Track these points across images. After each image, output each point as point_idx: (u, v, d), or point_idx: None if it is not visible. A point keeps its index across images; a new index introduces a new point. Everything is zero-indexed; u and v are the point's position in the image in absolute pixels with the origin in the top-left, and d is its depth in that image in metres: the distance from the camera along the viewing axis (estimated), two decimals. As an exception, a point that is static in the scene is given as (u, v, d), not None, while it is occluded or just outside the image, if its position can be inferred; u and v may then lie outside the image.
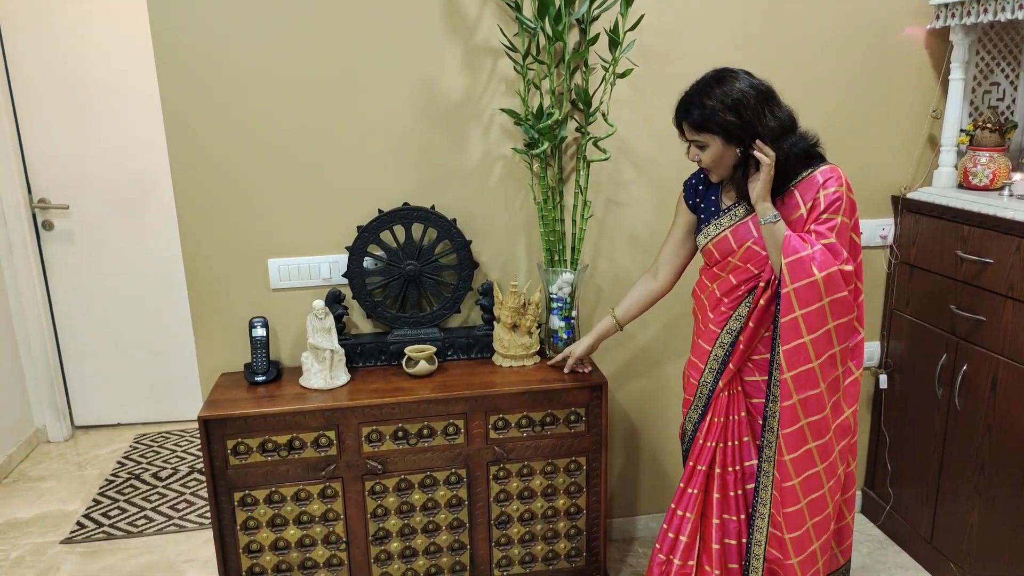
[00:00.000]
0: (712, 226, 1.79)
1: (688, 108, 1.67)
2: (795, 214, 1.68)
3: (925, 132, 2.42)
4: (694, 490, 1.85)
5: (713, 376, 1.83)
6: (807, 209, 1.67)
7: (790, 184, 1.69)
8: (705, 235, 1.81)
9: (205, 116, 2.07)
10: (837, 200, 1.65)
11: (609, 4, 2.05)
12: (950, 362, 2.23)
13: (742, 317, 1.77)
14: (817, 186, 1.66)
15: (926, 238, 2.33)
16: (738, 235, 1.75)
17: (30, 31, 3.12)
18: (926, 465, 2.37)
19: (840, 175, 1.67)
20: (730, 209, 1.77)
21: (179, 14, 2.00)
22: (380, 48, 2.10)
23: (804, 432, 1.67)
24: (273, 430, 1.98)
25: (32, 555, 2.60)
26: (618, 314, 2.01)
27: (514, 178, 2.24)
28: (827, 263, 1.61)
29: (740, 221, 1.75)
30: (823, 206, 1.65)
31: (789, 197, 1.69)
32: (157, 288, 3.41)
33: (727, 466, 1.84)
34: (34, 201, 3.28)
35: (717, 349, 1.82)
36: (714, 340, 1.82)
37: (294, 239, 2.19)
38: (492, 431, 2.08)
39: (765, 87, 1.66)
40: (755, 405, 1.82)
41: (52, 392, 3.40)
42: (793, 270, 1.61)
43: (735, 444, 1.83)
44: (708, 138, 1.67)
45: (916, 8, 2.30)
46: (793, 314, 1.62)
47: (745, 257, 1.75)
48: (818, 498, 1.71)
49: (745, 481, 1.84)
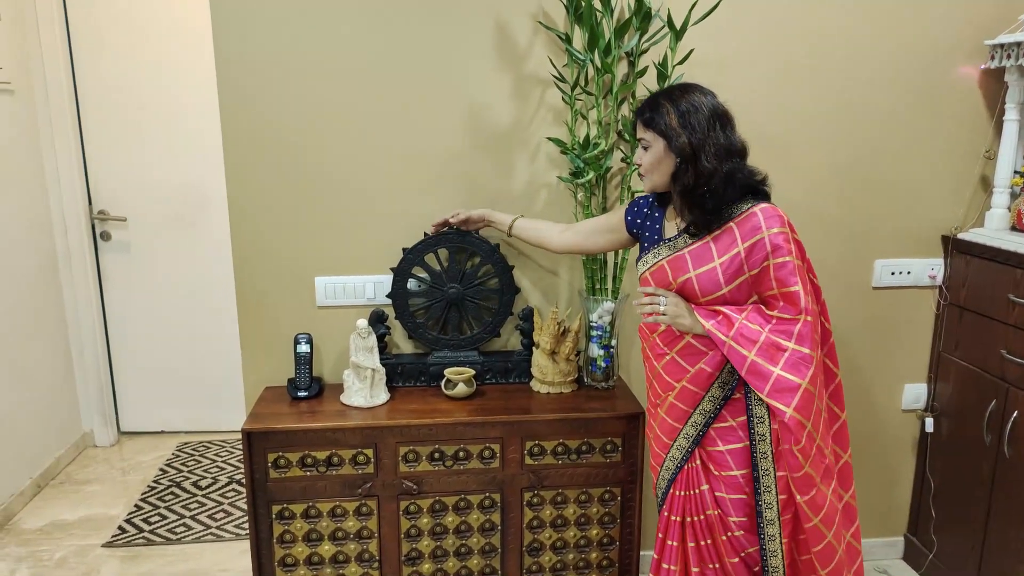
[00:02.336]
0: (651, 254, 1.75)
1: (643, 106, 1.67)
2: (730, 251, 1.61)
3: (978, 172, 2.38)
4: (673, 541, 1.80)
5: (683, 454, 1.77)
6: (745, 248, 1.60)
7: (725, 213, 1.62)
8: (644, 263, 1.76)
9: (261, 138, 2.14)
10: (785, 242, 1.59)
11: (659, 39, 2.08)
12: (999, 408, 2.17)
13: (716, 399, 1.71)
14: (758, 226, 1.59)
15: (977, 280, 2.28)
16: (675, 266, 1.68)
17: (97, 51, 3.27)
18: (972, 514, 2.30)
19: (782, 216, 1.61)
20: (671, 240, 1.71)
21: (242, 42, 2.08)
22: (432, 75, 2.15)
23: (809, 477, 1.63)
24: (313, 445, 2.01)
25: (75, 556, 2.67)
26: (518, 223, 2.10)
27: (558, 206, 2.27)
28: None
29: (678, 252, 1.69)
30: (769, 247, 1.58)
31: (726, 233, 1.62)
32: (206, 301, 3.51)
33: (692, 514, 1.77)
34: (94, 212, 3.41)
35: (689, 428, 1.75)
36: (685, 418, 1.75)
37: (341, 259, 2.24)
38: (528, 457, 2.08)
39: (724, 110, 1.63)
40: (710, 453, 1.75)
41: (101, 398, 3.50)
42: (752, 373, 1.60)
43: (696, 493, 1.76)
44: (653, 138, 1.64)
45: (971, 47, 2.28)
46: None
47: (685, 295, 1.68)
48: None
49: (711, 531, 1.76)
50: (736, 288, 1.64)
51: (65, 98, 3.21)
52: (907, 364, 2.52)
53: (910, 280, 2.43)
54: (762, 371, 1.59)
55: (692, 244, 1.67)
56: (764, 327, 1.61)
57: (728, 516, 1.72)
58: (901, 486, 2.63)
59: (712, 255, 1.64)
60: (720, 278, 1.63)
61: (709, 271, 1.64)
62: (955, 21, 2.26)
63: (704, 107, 1.60)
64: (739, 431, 1.70)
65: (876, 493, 2.61)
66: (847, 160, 2.33)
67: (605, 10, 2.03)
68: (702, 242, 1.65)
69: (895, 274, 2.42)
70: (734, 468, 1.70)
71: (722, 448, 1.71)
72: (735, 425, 1.71)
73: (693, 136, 1.59)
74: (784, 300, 1.61)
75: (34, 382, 3.14)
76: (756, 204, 1.62)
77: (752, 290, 1.65)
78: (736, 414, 1.70)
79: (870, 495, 2.60)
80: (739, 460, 1.70)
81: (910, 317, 2.48)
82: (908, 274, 2.43)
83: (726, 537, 1.73)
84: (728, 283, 1.63)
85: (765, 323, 1.61)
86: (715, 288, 1.64)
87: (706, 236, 1.65)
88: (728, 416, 1.71)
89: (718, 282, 1.63)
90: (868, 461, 2.57)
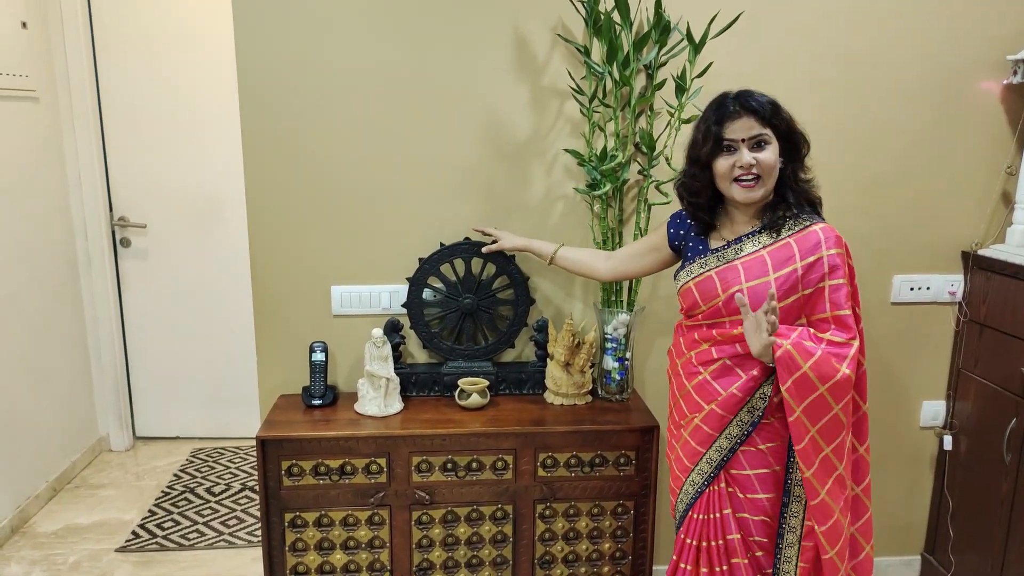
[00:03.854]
0: (697, 264, 1.68)
1: (753, 96, 1.56)
2: (788, 267, 1.57)
3: (999, 188, 2.35)
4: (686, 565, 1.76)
5: (704, 479, 1.71)
6: (803, 265, 1.56)
7: (787, 221, 1.61)
8: (688, 272, 1.69)
9: (280, 146, 2.16)
10: (842, 263, 1.57)
11: (677, 51, 2.08)
12: (1019, 427, 2.14)
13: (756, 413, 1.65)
14: (818, 244, 1.57)
15: (998, 297, 2.26)
16: (725, 277, 1.62)
17: (120, 59, 3.31)
18: (991, 533, 2.27)
19: (840, 237, 1.59)
20: (719, 250, 1.66)
21: (263, 51, 2.10)
22: (450, 86, 2.16)
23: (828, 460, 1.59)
24: (327, 454, 2.01)
25: (88, 561, 2.68)
26: (560, 252, 2.05)
27: (575, 217, 2.27)
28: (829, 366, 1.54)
29: (728, 263, 1.63)
30: (827, 267, 1.56)
31: (783, 247, 1.59)
32: (223, 308, 3.53)
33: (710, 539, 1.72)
34: (114, 219, 3.44)
35: (712, 453, 1.70)
36: (710, 442, 1.69)
37: (357, 268, 2.25)
38: (541, 469, 2.08)
39: None
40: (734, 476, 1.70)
41: (117, 402, 3.53)
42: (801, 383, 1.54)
43: (716, 517, 1.71)
44: (771, 136, 1.56)
45: (993, 62, 2.26)
46: (794, 413, 1.55)
47: (731, 310, 1.62)
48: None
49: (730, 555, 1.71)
50: (788, 306, 1.58)
51: (88, 106, 3.26)
52: (926, 381, 2.49)
53: (929, 296, 2.41)
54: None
55: (743, 256, 1.62)
56: (819, 345, 1.55)
57: (749, 536, 1.69)
58: (918, 504, 2.59)
59: (767, 268, 1.59)
60: (775, 290, 1.54)
61: (763, 284, 1.58)
62: (977, 36, 2.25)
63: None
64: (768, 457, 1.67)
65: (893, 511, 2.58)
66: (866, 174, 2.32)
67: (624, 23, 2.03)
68: (756, 254, 1.61)
69: (914, 289, 2.40)
70: (759, 492, 1.67)
71: (749, 472, 1.68)
72: (764, 451, 1.67)
73: (799, 139, 1.62)
74: (835, 324, 1.57)
75: (52, 386, 3.17)
76: (815, 221, 1.60)
77: (801, 312, 1.60)
78: (767, 439, 1.66)
79: (887, 513, 2.57)
80: (766, 485, 1.67)
81: (929, 333, 2.45)
82: (927, 290, 2.40)
83: (747, 560, 1.69)
84: (782, 300, 1.57)
85: (818, 343, 1.55)
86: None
87: (760, 249, 1.61)
88: (758, 441, 1.67)
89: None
90: (886, 478, 2.54)
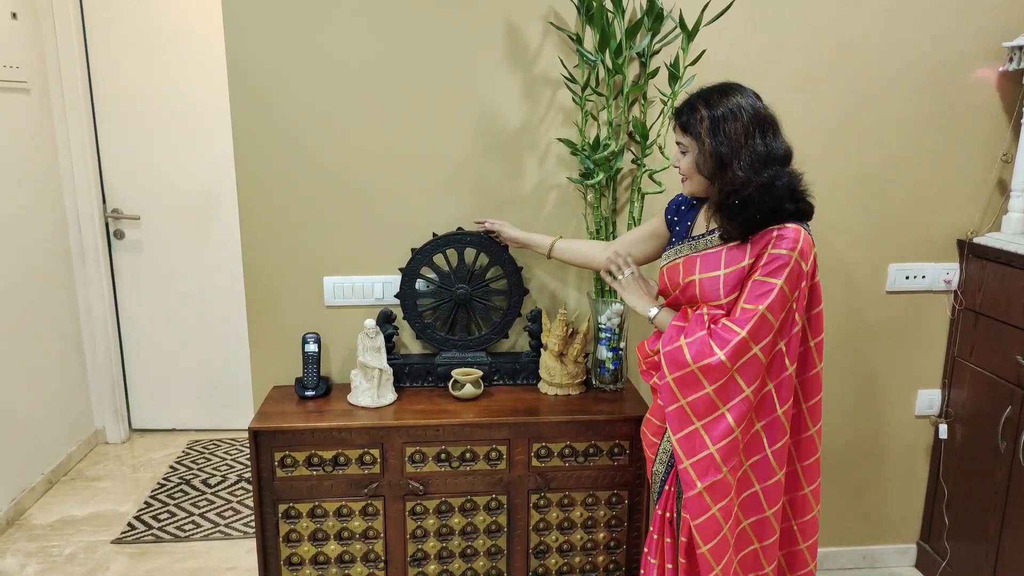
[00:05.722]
0: (674, 250, 1.73)
1: (682, 109, 1.62)
2: (737, 264, 1.58)
3: (994, 176, 2.34)
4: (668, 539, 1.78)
5: (665, 467, 1.77)
6: (750, 263, 1.57)
7: (759, 226, 1.56)
8: (666, 257, 1.75)
9: (271, 139, 2.14)
10: (781, 263, 1.53)
11: (670, 39, 2.06)
12: (1015, 415, 2.14)
13: None
14: (768, 242, 1.55)
15: (993, 285, 2.25)
16: (687, 266, 1.66)
17: (112, 52, 3.30)
18: (986, 521, 2.27)
19: (798, 239, 1.54)
20: (695, 239, 1.69)
21: (253, 44, 2.08)
22: (441, 76, 2.14)
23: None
24: (320, 445, 2.01)
25: (84, 553, 2.68)
26: (558, 244, 2.06)
27: (568, 206, 2.26)
28: (704, 353, 1.56)
29: (696, 253, 1.66)
30: (764, 261, 1.55)
31: (741, 246, 1.59)
32: (216, 300, 3.52)
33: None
34: (108, 211, 3.43)
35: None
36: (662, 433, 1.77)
37: (350, 258, 2.24)
38: (535, 459, 2.07)
39: (766, 114, 1.56)
40: None
41: (113, 395, 3.52)
42: (669, 359, 1.61)
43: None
44: (690, 143, 1.60)
45: (988, 49, 2.25)
46: (678, 403, 1.61)
47: (688, 297, 1.67)
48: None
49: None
50: (734, 301, 1.61)
51: (80, 98, 3.24)
52: (921, 369, 2.49)
53: (925, 284, 2.41)
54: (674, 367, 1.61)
55: (709, 249, 1.64)
56: (697, 333, 1.60)
57: None
58: (914, 493, 2.59)
59: (720, 263, 1.62)
60: (721, 287, 1.60)
61: (712, 278, 1.62)
62: (972, 23, 2.23)
63: (743, 113, 1.53)
64: None
65: (888, 500, 2.58)
66: (862, 163, 2.30)
67: (616, 10, 2.01)
68: (717, 249, 1.63)
69: (910, 278, 2.39)
70: None
71: None
72: None
73: (725, 145, 1.52)
74: (740, 314, 1.56)
75: (47, 379, 3.17)
76: (788, 225, 1.56)
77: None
78: None
79: (882, 501, 2.57)
80: None
81: (924, 322, 2.45)
82: (923, 278, 2.40)
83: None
84: (727, 294, 1.60)
85: (700, 328, 1.60)
86: (715, 296, 1.62)
87: (722, 244, 1.62)
88: None
89: (718, 290, 1.61)
90: (881, 467, 2.54)
